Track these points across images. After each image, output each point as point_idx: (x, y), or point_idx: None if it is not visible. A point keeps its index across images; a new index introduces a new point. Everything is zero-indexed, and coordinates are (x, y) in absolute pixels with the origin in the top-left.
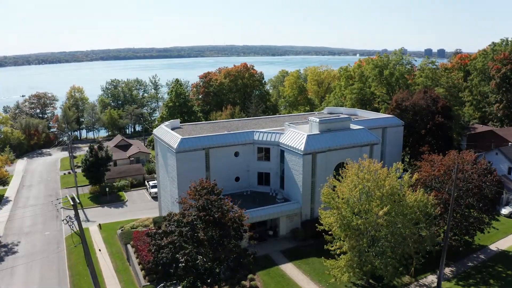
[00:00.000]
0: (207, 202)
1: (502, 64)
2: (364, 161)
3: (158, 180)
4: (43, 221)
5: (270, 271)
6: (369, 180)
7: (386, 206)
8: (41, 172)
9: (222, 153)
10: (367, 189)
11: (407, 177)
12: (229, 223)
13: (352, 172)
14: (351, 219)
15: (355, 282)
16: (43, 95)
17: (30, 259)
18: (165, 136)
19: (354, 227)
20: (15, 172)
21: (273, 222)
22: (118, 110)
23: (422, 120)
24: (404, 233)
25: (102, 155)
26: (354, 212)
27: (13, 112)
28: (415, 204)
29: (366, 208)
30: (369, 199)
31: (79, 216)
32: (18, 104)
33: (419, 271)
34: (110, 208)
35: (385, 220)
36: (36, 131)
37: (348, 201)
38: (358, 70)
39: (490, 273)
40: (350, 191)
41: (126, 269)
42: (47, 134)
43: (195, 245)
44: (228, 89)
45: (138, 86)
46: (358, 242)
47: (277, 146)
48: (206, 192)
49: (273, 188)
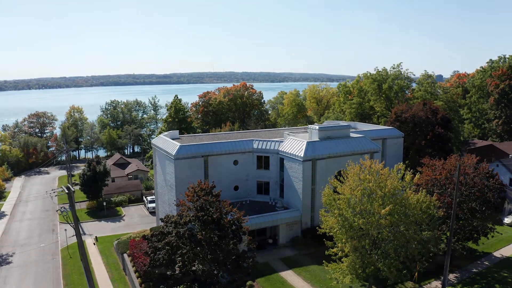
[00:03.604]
0: (206, 203)
1: (500, 80)
2: (365, 162)
3: (156, 191)
4: (39, 234)
5: (269, 278)
6: (371, 180)
7: (388, 206)
8: (38, 189)
9: (221, 161)
10: (368, 190)
11: (409, 177)
12: (228, 224)
13: (354, 172)
14: (353, 220)
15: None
16: (42, 114)
17: (24, 269)
18: (163, 144)
19: (356, 227)
20: (12, 188)
21: (272, 230)
22: (117, 130)
23: (421, 131)
24: (407, 234)
25: (100, 169)
26: (356, 212)
27: (12, 131)
28: (417, 205)
29: (368, 208)
30: (371, 199)
31: (75, 207)
32: (17, 123)
33: (423, 277)
34: (107, 222)
35: (387, 221)
36: (35, 149)
37: (349, 201)
38: (357, 85)
39: (496, 278)
40: (352, 191)
41: (122, 278)
42: (46, 153)
43: (192, 245)
44: (227, 108)
45: (138, 107)
46: (360, 243)
47: (276, 154)
48: (205, 193)
49: (272, 197)
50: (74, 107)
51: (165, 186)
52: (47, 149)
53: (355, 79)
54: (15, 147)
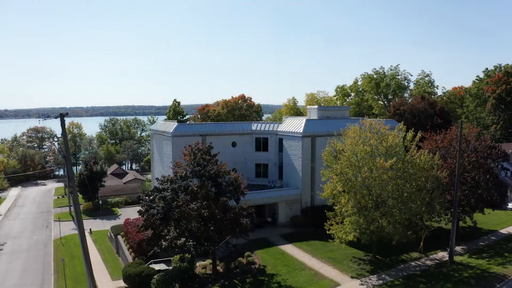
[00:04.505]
0: (203, 160)
1: (496, 86)
2: (365, 121)
3: (153, 182)
4: (32, 229)
5: (268, 250)
6: (372, 137)
7: (390, 159)
8: (34, 197)
9: (219, 142)
10: (369, 146)
11: (410, 136)
12: (225, 183)
13: (354, 130)
14: (356, 173)
15: (361, 257)
16: (41, 129)
17: (15, 255)
18: (161, 126)
19: (359, 182)
20: (8, 197)
21: (271, 209)
22: (115, 146)
23: (420, 123)
24: (410, 191)
25: (97, 169)
26: (358, 167)
27: (11, 144)
28: (419, 163)
29: (370, 166)
30: (373, 156)
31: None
32: (16, 136)
33: (429, 248)
34: (103, 220)
35: (390, 178)
36: (32, 161)
37: (350, 159)
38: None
39: (504, 248)
40: (353, 146)
41: (115, 259)
42: (43, 165)
43: (188, 198)
44: (225, 119)
45: (137, 125)
46: (364, 198)
47: (275, 135)
48: (202, 153)
49: (271, 180)
50: (73, 123)
51: (162, 172)
52: (45, 163)
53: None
54: (13, 159)
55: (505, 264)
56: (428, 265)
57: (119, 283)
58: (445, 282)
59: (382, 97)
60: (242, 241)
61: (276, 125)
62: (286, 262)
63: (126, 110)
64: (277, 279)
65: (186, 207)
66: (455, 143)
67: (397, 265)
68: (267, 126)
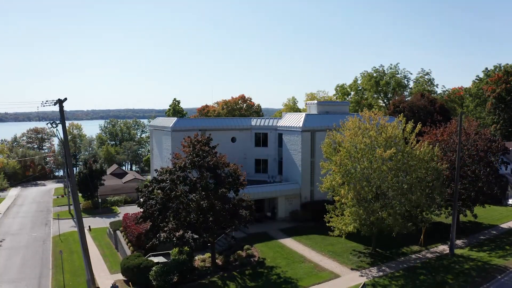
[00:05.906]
0: (202, 151)
1: (496, 85)
2: (364, 113)
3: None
4: (31, 227)
5: (268, 243)
6: (371, 129)
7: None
8: (34, 197)
9: (219, 137)
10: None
11: (410, 127)
12: (224, 174)
13: (353, 121)
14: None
15: (361, 250)
16: (41, 130)
17: (14, 251)
18: (161, 122)
19: (359, 173)
20: (7, 196)
21: (271, 204)
22: (115, 147)
23: (420, 120)
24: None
25: (96, 167)
26: (358, 158)
27: (11, 144)
28: (419, 154)
29: (370, 157)
30: (372, 146)
31: (65, 121)
32: (16, 137)
33: (429, 241)
34: (102, 218)
35: (390, 169)
36: (32, 162)
37: (349, 150)
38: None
39: (505, 242)
40: (352, 138)
41: (114, 254)
42: (43, 166)
43: (187, 189)
44: None
45: (136, 126)
46: (364, 189)
47: (275, 130)
48: (202, 144)
49: (271, 175)
50: (73, 124)
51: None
52: (45, 164)
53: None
54: (12, 159)
55: (506, 257)
56: (429, 258)
57: (117, 276)
58: (445, 273)
59: (381, 95)
60: (242, 235)
61: (276, 120)
62: (286, 255)
63: (126, 113)
64: (277, 271)
65: (185, 198)
66: (455, 136)
67: (397, 258)
68: (267, 122)
